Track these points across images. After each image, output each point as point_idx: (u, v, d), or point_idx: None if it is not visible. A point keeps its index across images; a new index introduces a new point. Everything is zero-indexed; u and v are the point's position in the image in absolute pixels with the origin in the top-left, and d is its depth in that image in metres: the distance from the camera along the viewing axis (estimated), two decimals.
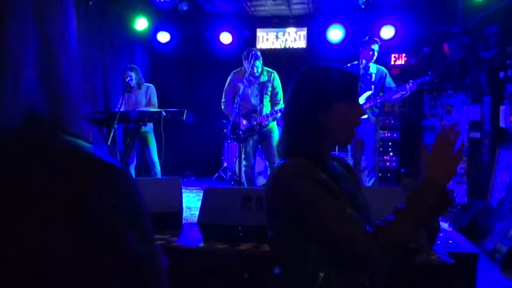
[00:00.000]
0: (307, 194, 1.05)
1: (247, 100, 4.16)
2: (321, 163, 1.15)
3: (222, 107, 4.34)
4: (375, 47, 4.21)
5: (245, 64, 4.14)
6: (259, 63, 4.09)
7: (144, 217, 0.46)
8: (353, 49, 5.54)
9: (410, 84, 4.04)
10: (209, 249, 2.10)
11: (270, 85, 4.19)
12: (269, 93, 4.21)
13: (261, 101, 4.19)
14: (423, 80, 4.14)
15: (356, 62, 4.32)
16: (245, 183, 4.20)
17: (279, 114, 4.13)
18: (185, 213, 3.29)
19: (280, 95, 4.21)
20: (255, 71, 4.08)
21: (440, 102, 5.36)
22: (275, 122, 4.28)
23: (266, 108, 4.18)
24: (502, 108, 4.41)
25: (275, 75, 4.23)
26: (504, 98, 4.40)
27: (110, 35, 5.80)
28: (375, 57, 4.23)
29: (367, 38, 4.29)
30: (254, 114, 4.15)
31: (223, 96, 4.33)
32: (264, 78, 4.17)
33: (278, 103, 4.20)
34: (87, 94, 5.32)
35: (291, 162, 1.13)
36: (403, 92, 4.08)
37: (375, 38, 4.28)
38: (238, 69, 4.30)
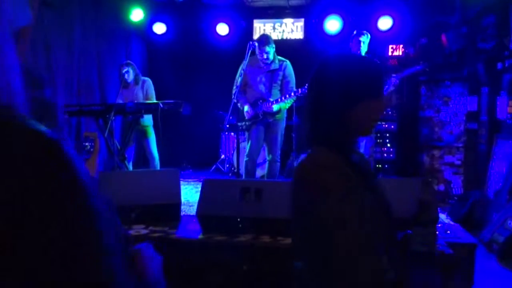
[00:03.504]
0: (335, 212, 0.99)
1: (254, 87, 4.06)
2: (346, 155, 1.14)
3: (233, 96, 4.05)
4: (363, 38, 4.20)
5: (256, 51, 4.04)
6: (269, 49, 3.98)
7: (81, 190, 0.46)
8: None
9: (393, 79, 4.04)
10: (208, 241, 2.09)
11: (281, 73, 4.07)
12: (278, 82, 4.09)
13: (270, 89, 4.07)
14: (409, 72, 4.12)
15: None
16: (243, 175, 4.14)
17: (287, 102, 4.02)
18: (183, 205, 3.29)
19: (292, 84, 4.09)
20: (265, 57, 3.97)
21: (438, 93, 5.35)
22: (283, 114, 4.15)
23: (274, 97, 4.05)
24: (499, 99, 4.41)
25: (287, 63, 4.12)
26: (501, 89, 4.40)
27: (105, 27, 5.74)
28: (362, 48, 4.21)
29: (355, 32, 4.29)
30: (260, 101, 4.03)
31: (234, 84, 4.12)
32: (275, 66, 4.06)
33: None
34: (82, 87, 5.28)
35: (317, 157, 1.10)
36: (386, 87, 4.08)
37: (363, 31, 4.26)
38: (250, 57, 4.13)
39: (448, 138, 5.20)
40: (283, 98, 3.99)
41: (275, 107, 3.99)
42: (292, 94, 3.95)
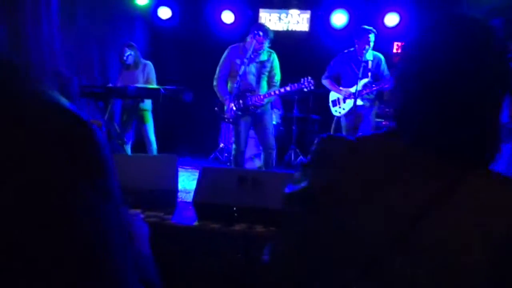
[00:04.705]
0: None
1: (243, 78, 3.96)
2: None
3: (214, 83, 4.11)
4: (372, 37, 4.19)
5: (249, 37, 3.93)
6: (268, 43, 3.93)
7: (106, 173, 0.46)
8: None
9: None
10: (203, 228, 2.10)
11: (269, 65, 4.02)
12: (266, 73, 4.05)
13: (259, 80, 4.02)
14: None
15: (352, 49, 4.32)
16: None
17: (273, 96, 4.06)
18: (180, 192, 3.29)
19: (278, 77, 4.08)
20: (257, 47, 3.89)
21: None
22: (269, 104, 4.18)
23: (263, 89, 4.03)
24: None
25: (274, 55, 4.07)
26: None
27: (110, 9, 5.69)
28: (371, 47, 4.21)
29: (362, 27, 4.25)
30: (249, 93, 3.97)
31: (217, 72, 4.10)
32: (264, 57, 3.99)
33: (275, 85, 4.08)
34: (83, 67, 5.25)
35: None
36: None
37: (371, 29, 4.23)
38: (236, 44, 4.11)
39: None
40: (276, 91, 3.99)
41: (267, 100, 3.99)
42: (288, 88, 3.95)
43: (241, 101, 3.96)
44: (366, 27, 4.23)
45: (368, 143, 0.79)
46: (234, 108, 3.92)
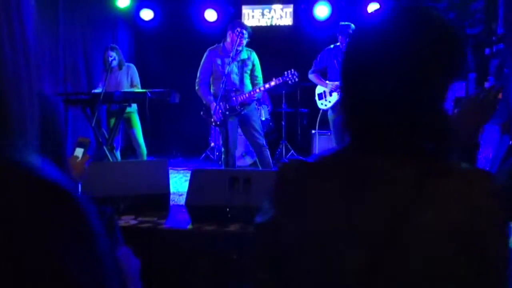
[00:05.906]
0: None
1: (226, 78, 3.89)
2: None
3: (196, 87, 4.09)
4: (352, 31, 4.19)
5: (229, 36, 3.89)
6: (247, 40, 3.93)
7: (89, 242, 0.43)
8: None
9: None
10: (197, 231, 2.10)
11: (250, 63, 4.01)
12: (248, 72, 4.04)
13: (242, 79, 4.01)
14: None
15: (338, 44, 4.30)
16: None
17: (259, 93, 4.06)
18: (173, 195, 3.29)
19: (261, 77, 4.09)
20: (240, 49, 3.88)
21: None
22: (254, 104, 4.16)
23: (247, 88, 4.02)
24: (486, 84, 4.44)
25: (254, 54, 4.06)
26: (489, 75, 4.42)
27: (91, 13, 5.64)
28: None
29: (343, 23, 4.25)
30: (233, 93, 3.92)
31: (198, 76, 4.09)
32: (244, 55, 3.97)
33: (259, 84, 4.07)
34: (68, 74, 5.20)
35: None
36: None
37: (349, 23, 4.23)
38: (214, 46, 4.08)
39: None
40: (261, 87, 3.97)
41: (257, 95, 4.01)
42: (273, 83, 3.95)
43: (226, 102, 3.90)
44: (346, 23, 4.23)
45: (326, 163, 0.76)
46: (221, 109, 3.87)
